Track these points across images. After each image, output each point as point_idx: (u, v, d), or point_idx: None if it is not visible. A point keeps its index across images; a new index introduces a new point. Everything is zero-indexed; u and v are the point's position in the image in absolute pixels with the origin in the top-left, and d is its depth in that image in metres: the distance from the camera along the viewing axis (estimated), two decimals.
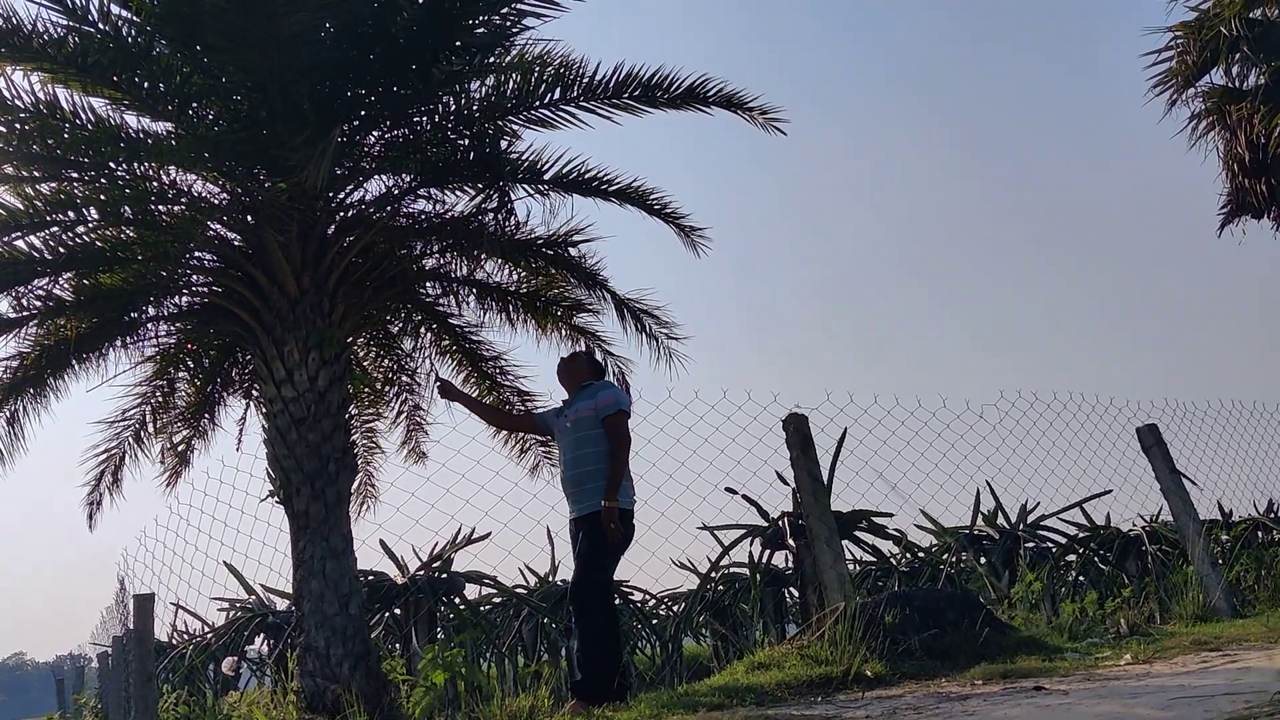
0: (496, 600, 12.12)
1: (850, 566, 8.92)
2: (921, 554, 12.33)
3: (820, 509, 6.74)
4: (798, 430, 6.86)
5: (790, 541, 10.00)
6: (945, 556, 11.79)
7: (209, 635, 12.93)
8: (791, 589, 11.44)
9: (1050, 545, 11.94)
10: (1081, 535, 11.98)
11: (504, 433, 9.88)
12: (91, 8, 6.87)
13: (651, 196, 8.75)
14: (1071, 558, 12.20)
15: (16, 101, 7.00)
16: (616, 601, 12.01)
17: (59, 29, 6.88)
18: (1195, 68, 12.98)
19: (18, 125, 7.13)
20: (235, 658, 11.45)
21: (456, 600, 10.88)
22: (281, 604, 11.81)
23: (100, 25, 6.97)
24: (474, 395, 10.00)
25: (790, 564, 10.64)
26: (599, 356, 9.87)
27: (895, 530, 11.02)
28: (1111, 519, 12.04)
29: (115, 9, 6.99)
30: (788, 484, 8.81)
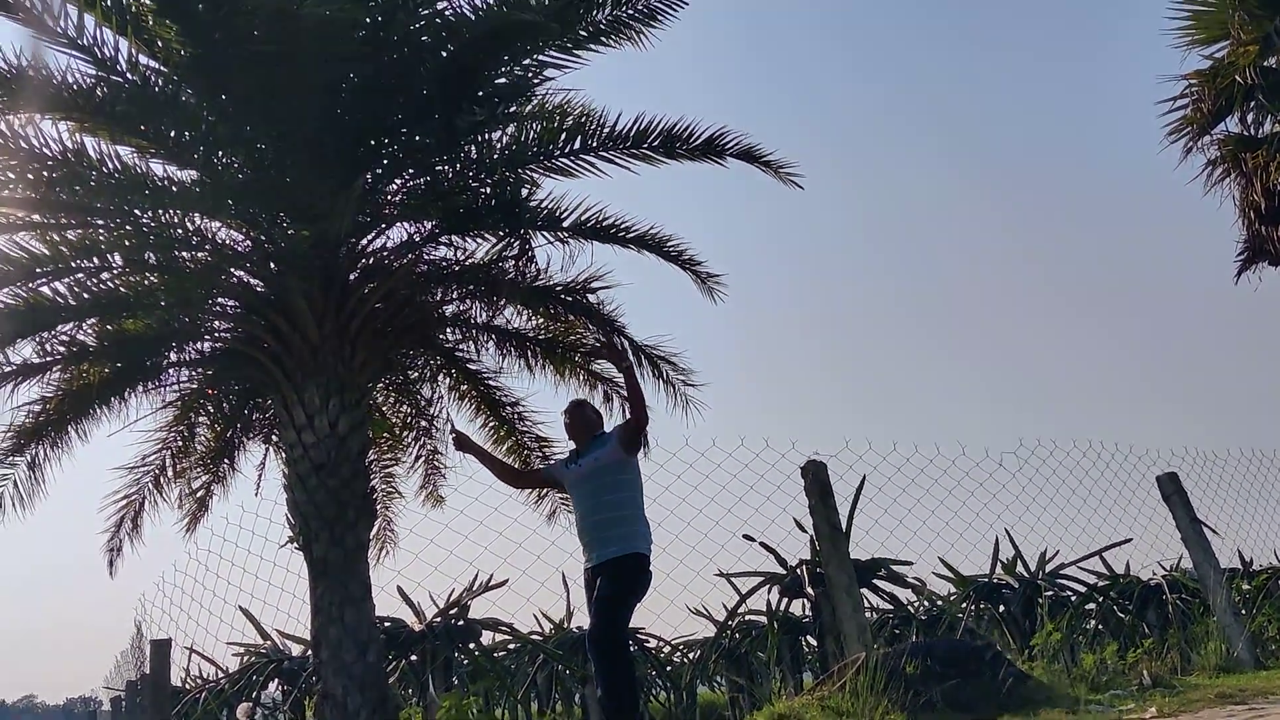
0: (512, 646, 12.06)
1: (868, 615, 8.86)
2: (940, 602, 12.24)
3: (839, 557, 6.72)
4: (816, 478, 6.86)
5: (809, 590, 9.94)
6: (964, 605, 11.70)
7: (223, 680, 12.89)
8: (809, 637, 11.36)
9: (1070, 594, 11.85)
10: (1101, 584, 11.89)
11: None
12: (120, 58, 6.98)
13: (669, 243, 8.81)
14: (1091, 607, 12.10)
15: (45, 150, 7.10)
16: (631, 647, 11.98)
17: (88, 79, 6.99)
18: (1210, 115, 13.00)
19: (45, 173, 7.22)
20: (251, 704, 11.41)
21: (472, 647, 10.83)
22: (296, 649, 11.78)
23: (128, 75, 7.08)
24: (491, 442, 10.03)
25: (808, 612, 10.58)
26: (616, 402, 9.90)
27: (914, 579, 10.96)
28: (1131, 568, 11.95)
29: (144, 59, 7.11)
30: (806, 531, 8.79)
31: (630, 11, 7.57)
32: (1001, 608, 11.14)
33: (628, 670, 5.68)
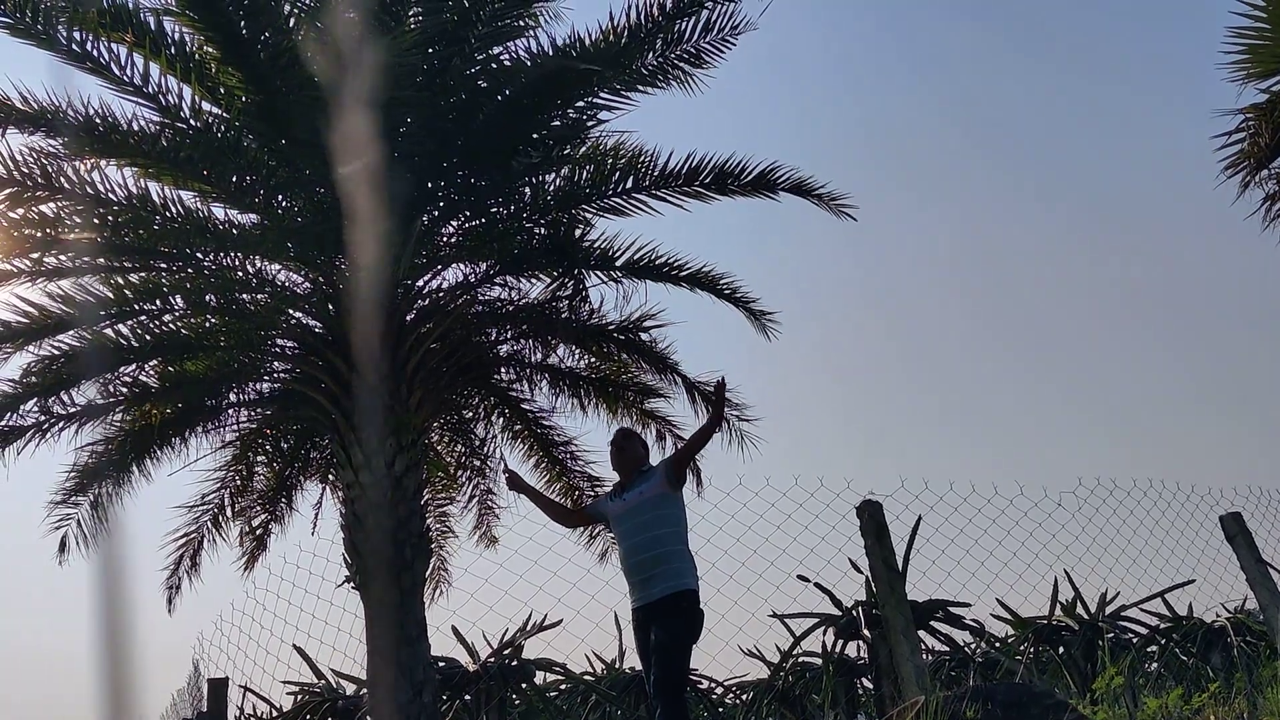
0: (564, 686, 12.03)
1: (925, 657, 8.75)
2: (998, 644, 12.06)
3: (896, 599, 6.62)
4: (872, 518, 6.78)
5: (865, 631, 9.84)
6: (1023, 647, 11.52)
7: (278, 719, 12.94)
8: (864, 679, 11.23)
9: (1131, 636, 11.63)
10: (1164, 626, 11.66)
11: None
12: (184, 105, 7.16)
13: (722, 281, 8.82)
14: (1153, 649, 11.86)
15: (110, 195, 7.27)
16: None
17: (152, 125, 7.16)
18: (1268, 150, 12.86)
19: (110, 217, 7.40)
20: None
21: (526, 687, 10.81)
22: (350, 688, 11.81)
23: (191, 121, 7.25)
24: (544, 481, 10.06)
25: (863, 654, 10.46)
26: (670, 440, 9.89)
27: (972, 620, 10.81)
28: (1194, 609, 11.71)
29: (206, 106, 7.28)
30: (861, 572, 8.73)
31: (678, 53, 7.65)
32: (1061, 650, 10.95)
33: (686, 715, 5.62)
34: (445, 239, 8.13)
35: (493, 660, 10.54)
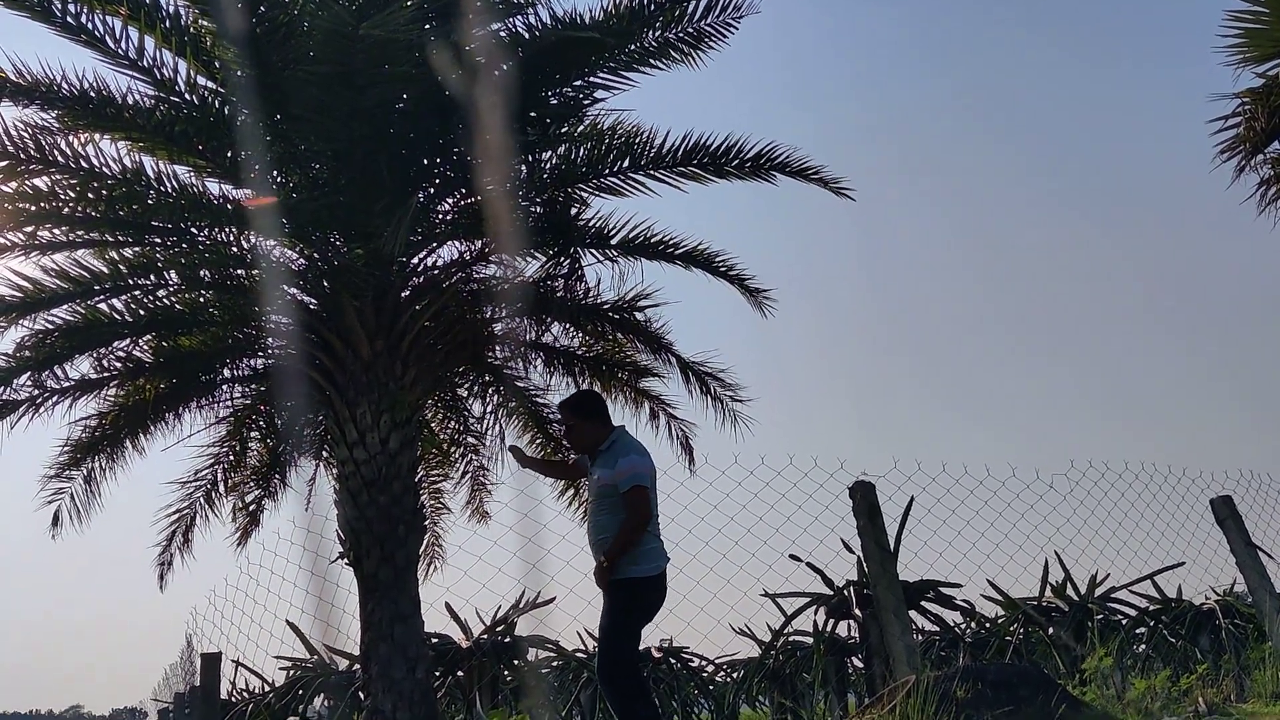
0: (557, 664, 12.05)
1: (915, 637, 8.79)
2: (988, 625, 12.10)
3: (888, 579, 6.66)
4: (864, 498, 6.80)
5: (856, 611, 9.86)
6: (1013, 628, 11.56)
7: (269, 694, 12.96)
8: (855, 659, 11.27)
9: (1120, 618, 11.67)
10: (1153, 608, 11.70)
11: (570, 492, 9.99)
12: (179, 80, 7.13)
13: (717, 259, 8.81)
14: (1142, 630, 11.91)
15: (105, 169, 7.24)
16: (675, 666, 11.94)
17: (147, 99, 7.13)
18: (1264, 134, 12.86)
19: (104, 191, 7.36)
20: (297, 718, 11.47)
21: (519, 664, 10.84)
22: (343, 664, 11.83)
23: (186, 96, 7.22)
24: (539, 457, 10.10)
25: (854, 633, 10.49)
26: (663, 419, 9.90)
27: (963, 601, 10.84)
28: (1184, 592, 11.75)
29: (202, 80, 7.25)
30: (853, 552, 8.72)
31: (678, 33, 7.62)
32: (1050, 631, 10.99)
33: (644, 696, 5.33)
34: (440, 216, 8.11)
35: (486, 637, 10.55)
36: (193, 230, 7.61)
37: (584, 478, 9.12)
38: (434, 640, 10.38)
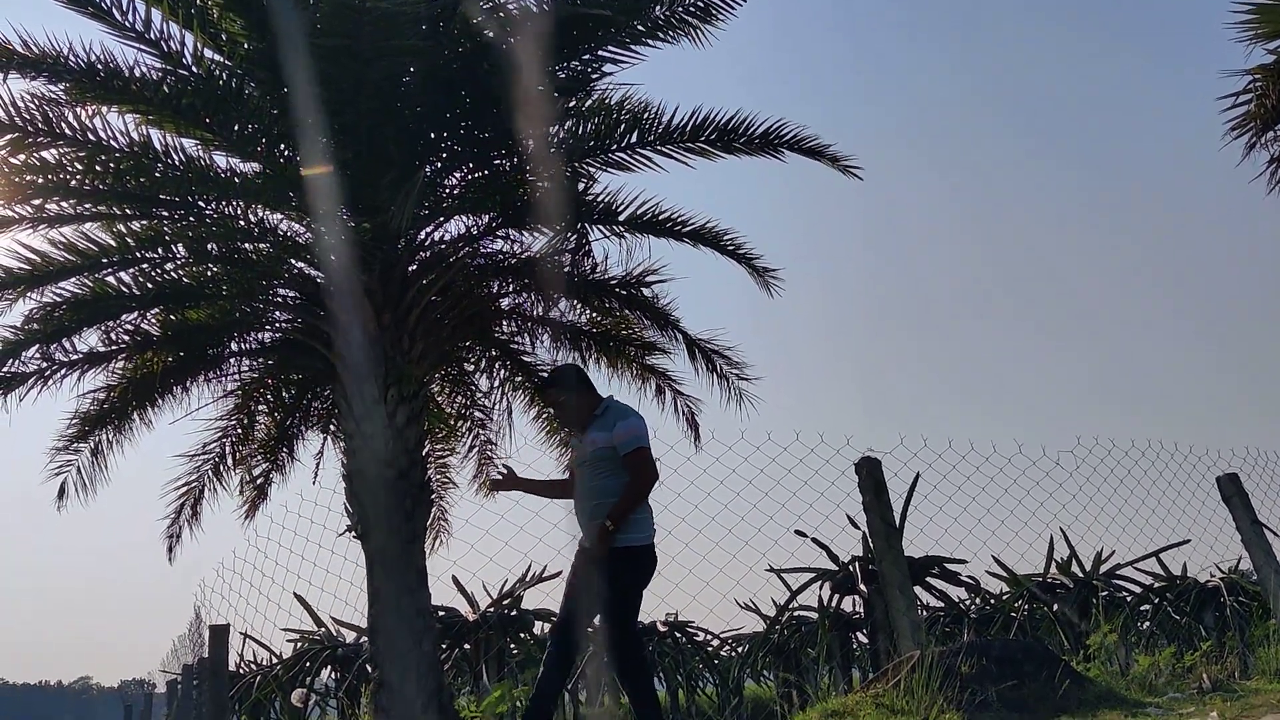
0: None
1: (920, 612, 8.82)
2: (993, 601, 12.13)
3: (894, 555, 6.68)
4: (870, 475, 6.81)
5: (861, 587, 9.90)
6: (1018, 604, 11.59)
7: (277, 666, 13.04)
8: (860, 634, 11.31)
9: (1125, 595, 11.69)
10: (1158, 585, 11.71)
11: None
12: (186, 52, 7.11)
13: (725, 237, 8.78)
14: (1146, 608, 11.93)
15: (112, 142, 7.23)
16: (680, 640, 12.00)
17: (155, 72, 7.11)
18: (1275, 111, 12.77)
19: (111, 165, 7.36)
20: (305, 690, 11.54)
21: (525, 637, 10.91)
22: (350, 636, 11.90)
23: (194, 69, 7.20)
24: (544, 433, 10.13)
25: (859, 609, 10.53)
26: (669, 396, 9.90)
27: (968, 577, 10.87)
28: (1189, 569, 11.77)
29: (209, 53, 7.23)
30: (859, 528, 8.75)
31: (687, 6, 7.56)
32: (1055, 607, 11.02)
33: (646, 668, 5.39)
34: (448, 190, 8.10)
35: (492, 610, 10.62)
36: (200, 203, 7.61)
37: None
38: (441, 613, 10.44)
